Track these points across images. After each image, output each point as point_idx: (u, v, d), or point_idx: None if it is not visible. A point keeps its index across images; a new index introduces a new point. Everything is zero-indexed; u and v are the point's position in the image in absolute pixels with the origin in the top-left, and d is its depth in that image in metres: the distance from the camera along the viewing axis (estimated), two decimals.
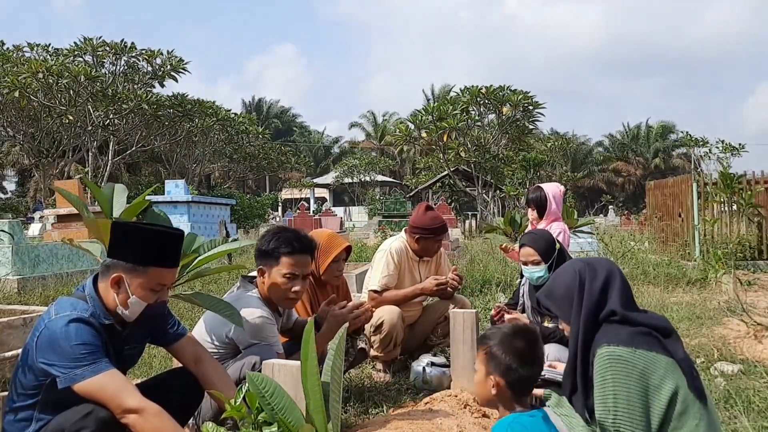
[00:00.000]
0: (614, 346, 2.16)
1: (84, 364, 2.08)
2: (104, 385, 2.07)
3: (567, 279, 2.40)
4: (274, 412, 1.89)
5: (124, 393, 2.09)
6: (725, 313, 6.03)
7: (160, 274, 2.31)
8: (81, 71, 24.26)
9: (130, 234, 2.31)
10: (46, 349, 2.12)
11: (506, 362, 2.20)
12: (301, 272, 3.09)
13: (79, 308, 2.22)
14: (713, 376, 4.05)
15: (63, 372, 2.08)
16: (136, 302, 2.28)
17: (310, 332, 1.92)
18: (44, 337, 2.14)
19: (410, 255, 4.46)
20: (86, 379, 2.06)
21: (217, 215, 17.49)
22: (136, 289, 2.27)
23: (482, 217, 29.20)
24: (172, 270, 2.39)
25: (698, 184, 11.22)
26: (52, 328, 2.14)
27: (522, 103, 27.78)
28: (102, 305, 2.30)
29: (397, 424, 2.83)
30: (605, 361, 2.15)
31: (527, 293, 4.02)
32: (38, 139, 29.03)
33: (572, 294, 2.34)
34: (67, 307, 2.22)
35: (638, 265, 9.26)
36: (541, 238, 3.83)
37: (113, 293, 2.28)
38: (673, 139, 61.04)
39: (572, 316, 2.32)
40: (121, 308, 2.29)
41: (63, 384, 2.08)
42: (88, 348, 2.11)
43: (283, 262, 3.05)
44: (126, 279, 2.27)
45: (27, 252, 8.18)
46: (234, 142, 37.10)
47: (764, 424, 3.12)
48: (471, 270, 9.20)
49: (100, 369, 2.09)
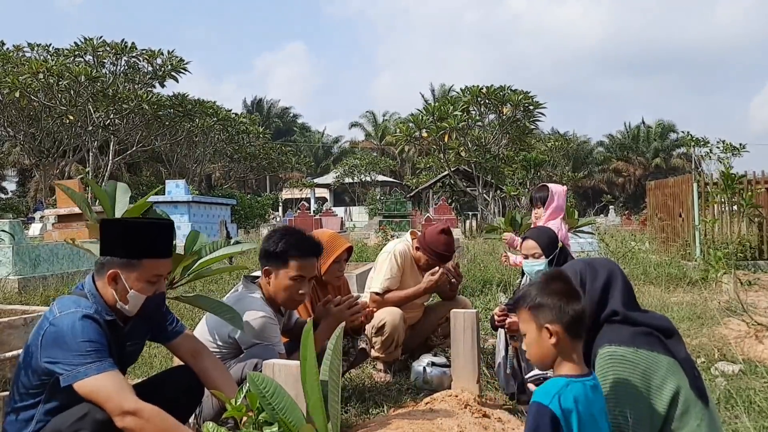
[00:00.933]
0: (616, 346, 2.16)
1: (88, 361, 2.07)
2: (105, 385, 2.07)
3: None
4: (275, 412, 1.89)
5: (123, 394, 2.08)
6: (726, 313, 6.03)
7: (155, 265, 2.32)
8: (81, 71, 24.31)
9: (119, 230, 2.34)
10: (51, 346, 2.12)
11: (556, 304, 2.09)
12: (308, 275, 3.11)
13: (83, 305, 2.23)
14: (714, 376, 4.05)
15: (66, 369, 2.08)
16: (134, 296, 2.29)
17: (309, 334, 1.92)
18: (49, 335, 2.14)
19: (413, 259, 4.48)
20: (89, 377, 2.06)
21: (218, 215, 17.51)
22: (134, 282, 2.29)
23: (483, 217, 29.19)
24: (167, 260, 2.40)
25: (699, 184, 11.22)
26: (59, 325, 2.14)
27: (522, 103, 27.80)
28: (103, 302, 2.31)
29: (398, 424, 2.84)
30: (607, 361, 2.15)
31: None
32: (39, 139, 29.06)
33: None
34: (71, 304, 2.23)
35: (639, 265, 9.27)
36: (544, 234, 3.87)
37: (111, 290, 2.30)
38: (673, 138, 61.07)
39: None
40: (121, 303, 2.30)
41: (65, 382, 2.07)
42: (94, 345, 2.11)
43: (291, 265, 3.06)
44: (122, 274, 2.28)
45: (27, 252, 8.18)
46: (234, 142, 37.13)
47: (765, 424, 3.12)
48: (471, 270, 9.20)
49: (103, 368, 2.09)
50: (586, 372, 2.08)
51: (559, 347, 2.08)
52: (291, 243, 3.08)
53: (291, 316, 3.50)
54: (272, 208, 38.17)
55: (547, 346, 2.09)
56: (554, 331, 2.07)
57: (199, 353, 2.65)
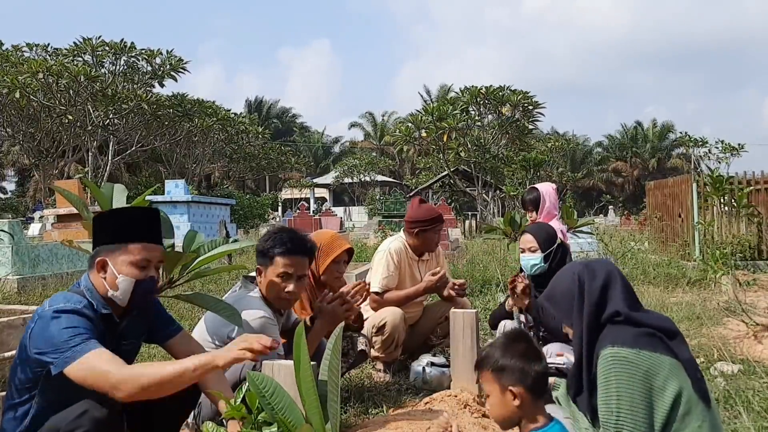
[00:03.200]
0: (618, 347, 2.16)
1: (73, 345, 2.09)
2: (93, 364, 2.07)
3: (566, 282, 2.40)
4: (274, 412, 1.89)
5: (108, 369, 2.07)
6: (725, 314, 6.03)
7: (140, 249, 2.34)
8: (81, 71, 24.27)
9: (106, 219, 2.41)
10: (38, 338, 2.15)
11: (519, 367, 2.15)
12: (295, 272, 3.08)
13: (73, 300, 2.26)
14: (713, 376, 4.05)
15: (54, 357, 2.09)
16: (123, 280, 2.31)
17: (301, 335, 1.92)
18: (37, 328, 2.18)
19: (410, 255, 4.46)
20: (76, 359, 2.07)
21: (217, 215, 17.48)
22: (120, 266, 2.31)
23: (482, 217, 29.22)
24: (154, 246, 2.41)
25: (698, 185, 11.22)
26: (44, 317, 2.18)
27: (521, 103, 27.83)
28: (98, 295, 2.34)
29: (397, 424, 2.83)
30: (609, 362, 2.15)
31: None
32: (38, 139, 29.04)
33: (572, 296, 2.34)
34: (60, 300, 2.26)
35: (638, 265, 9.26)
36: (542, 229, 3.90)
37: (101, 278, 2.33)
38: (672, 138, 61.12)
39: (574, 318, 2.32)
40: (111, 291, 2.32)
41: (56, 370, 2.08)
42: (77, 330, 2.13)
43: (277, 262, 3.06)
44: (110, 260, 2.32)
45: (27, 252, 8.18)
46: (234, 142, 37.14)
47: (764, 424, 3.12)
48: (471, 270, 9.21)
49: (88, 348, 2.09)
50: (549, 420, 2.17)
51: (523, 408, 2.15)
52: (278, 240, 3.08)
53: (290, 316, 3.50)
54: (271, 208, 38.15)
55: (510, 407, 2.16)
56: (518, 393, 2.14)
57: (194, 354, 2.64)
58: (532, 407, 2.16)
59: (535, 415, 2.16)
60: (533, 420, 2.16)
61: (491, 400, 2.22)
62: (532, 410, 2.16)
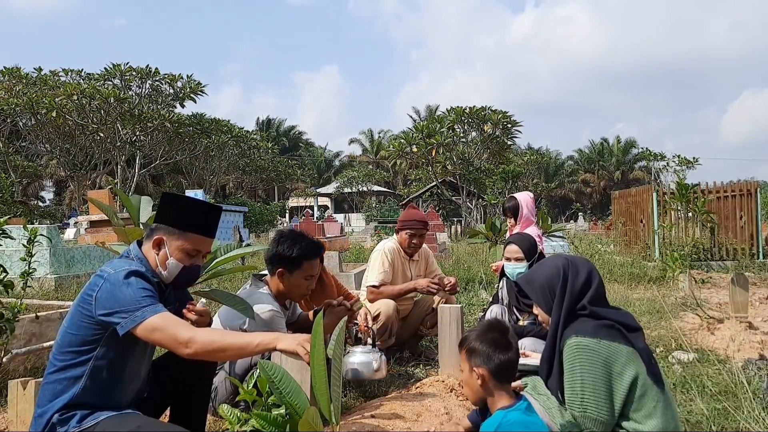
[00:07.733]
0: (581, 337, 2.18)
1: (144, 305, 2.01)
2: (163, 323, 2.00)
3: (550, 271, 2.38)
4: (282, 395, 1.89)
5: (178, 328, 2.01)
6: (682, 308, 6.05)
7: (198, 240, 2.26)
8: (111, 93, 24.34)
9: (176, 202, 2.29)
10: (107, 299, 2.04)
11: (485, 351, 2.20)
12: (316, 273, 3.28)
13: (134, 265, 2.17)
14: (671, 363, 4.06)
15: (124, 317, 2.00)
16: (173, 263, 2.23)
17: (320, 321, 1.94)
18: (105, 290, 2.06)
19: (402, 254, 4.49)
20: (147, 318, 1.99)
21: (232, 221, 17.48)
22: (174, 251, 2.23)
23: (466, 223, 29.22)
24: (209, 239, 2.33)
25: (657, 194, 11.28)
26: (114, 281, 2.07)
27: (501, 121, 27.92)
28: (148, 264, 2.25)
29: (391, 406, 2.84)
30: (573, 350, 2.17)
31: (506, 294, 4.01)
32: (73, 154, 29.01)
33: (554, 286, 2.34)
34: (123, 264, 2.16)
35: (604, 265, 9.27)
36: (526, 240, 3.85)
37: (154, 254, 2.24)
38: (635, 153, 61.35)
39: (554, 307, 2.32)
40: (160, 269, 2.24)
41: (124, 329, 1.99)
42: (148, 292, 2.06)
43: (305, 267, 3.18)
44: (167, 241, 2.23)
45: (63, 254, 8.16)
46: (246, 156, 37.20)
47: (716, 406, 3.13)
48: (456, 270, 9.21)
49: (158, 309, 2.03)
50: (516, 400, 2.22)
51: (485, 388, 2.21)
52: (303, 248, 3.18)
53: (294, 310, 3.53)
54: (280, 215, 38.09)
55: (475, 385, 2.24)
56: (480, 374, 2.20)
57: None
58: (494, 388, 2.20)
59: (500, 396, 2.20)
60: (499, 397, 2.20)
61: (462, 376, 2.32)
62: (495, 391, 2.21)
